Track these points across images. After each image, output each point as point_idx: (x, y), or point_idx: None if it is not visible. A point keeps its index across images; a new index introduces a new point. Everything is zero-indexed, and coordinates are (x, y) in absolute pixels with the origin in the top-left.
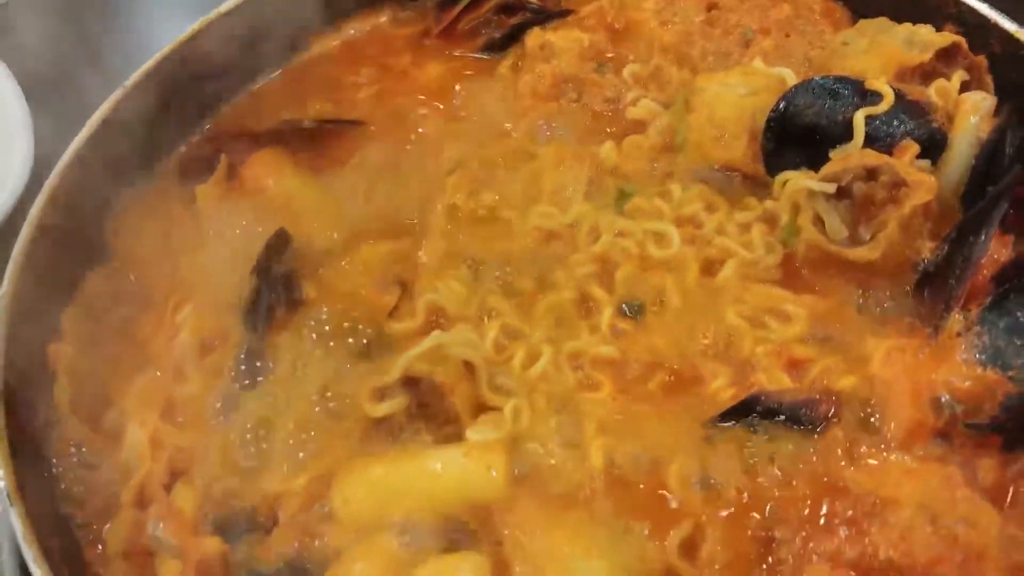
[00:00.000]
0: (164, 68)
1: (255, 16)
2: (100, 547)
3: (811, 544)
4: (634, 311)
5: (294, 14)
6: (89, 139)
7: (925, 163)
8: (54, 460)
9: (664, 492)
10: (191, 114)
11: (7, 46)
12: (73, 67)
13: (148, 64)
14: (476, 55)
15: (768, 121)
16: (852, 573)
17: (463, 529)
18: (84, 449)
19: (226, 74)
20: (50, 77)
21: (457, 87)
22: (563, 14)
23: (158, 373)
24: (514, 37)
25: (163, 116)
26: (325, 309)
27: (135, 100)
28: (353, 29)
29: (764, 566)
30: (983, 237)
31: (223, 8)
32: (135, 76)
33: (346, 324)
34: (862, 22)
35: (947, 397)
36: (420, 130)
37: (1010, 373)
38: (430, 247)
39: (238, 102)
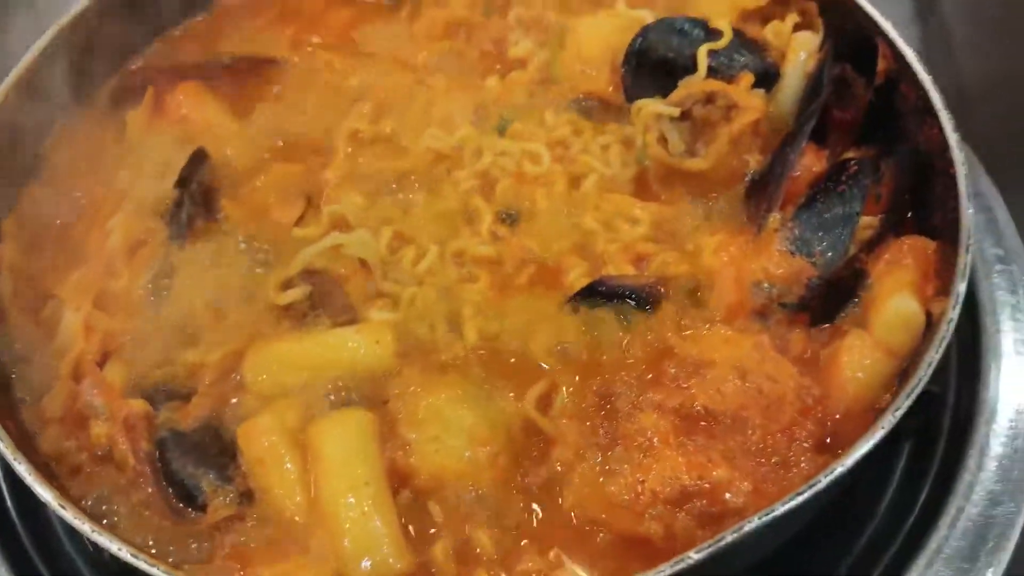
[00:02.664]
0: (97, 8)
1: None
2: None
3: (642, 396)
4: (510, 218)
5: None
6: (27, 69)
7: (760, 92)
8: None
9: (526, 359)
10: (123, 49)
11: None
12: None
13: (80, 4)
14: (380, 1)
15: (626, 56)
16: (675, 418)
17: (355, 393)
18: (23, 336)
19: (155, 14)
20: None
21: (362, 29)
22: None
23: (91, 269)
24: None
25: (97, 51)
26: (240, 219)
27: (69, 36)
28: None
29: (603, 413)
30: (795, 149)
31: None
32: (69, 15)
33: (258, 231)
34: None
35: (765, 282)
36: (329, 67)
37: (813, 259)
38: (334, 166)
39: (166, 39)
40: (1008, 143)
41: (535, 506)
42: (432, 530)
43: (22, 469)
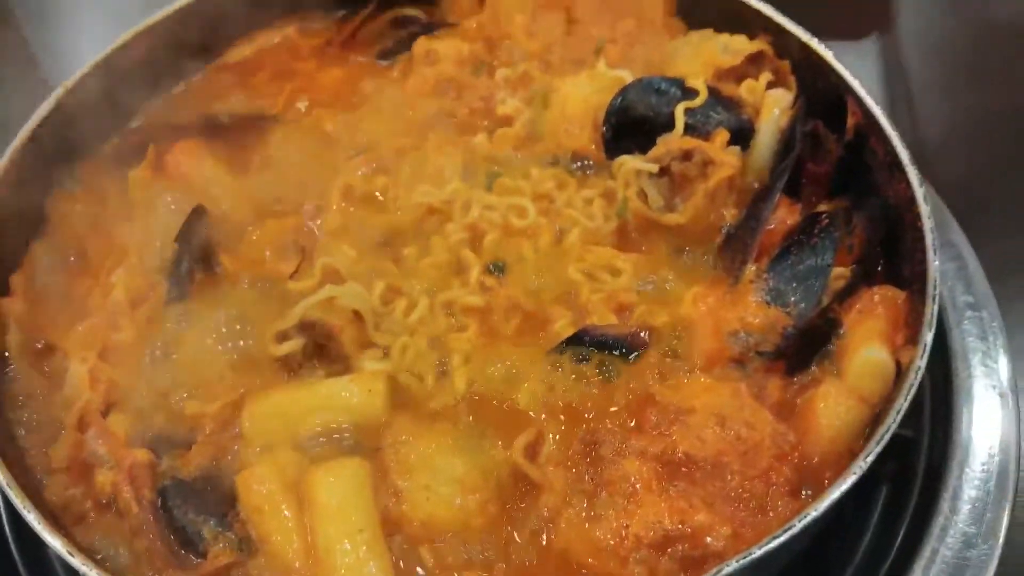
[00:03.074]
0: (99, 71)
1: (179, 27)
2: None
3: (626, 443)
4: (498, 269)
5: (212, 26)
6: (33, 130)
7: (735, 148)
8: (6, 397)
9: (514, 407)
10: (124, 110)
11: None
12: (13, 73)
13: (86, 67)
14: (372, 61)
15: (607, 114)
16: (657, 465)
17: (349, 441)
18: (30, 388)
19: (154, 76)
20: None
21: (355, 88)
22: (447, 26)
23: (95, 322)
24: (405, 45)
25: (99, 111)
26: (238, 272)
27: (73, 98)
28: (265, 39)
29: (588, 460)
30: (768, 204)
31: (150, 21)
32: (74, 78)
33: (255, 284)
34: (691, 32)
35: (742, 332)
36: (322, 124)
37: (788, 309)
38: (328, 220)
39: (165, 100)
40: (975, 191)
41: (524, 551)
42: (423, 575)
43: (31, 518)
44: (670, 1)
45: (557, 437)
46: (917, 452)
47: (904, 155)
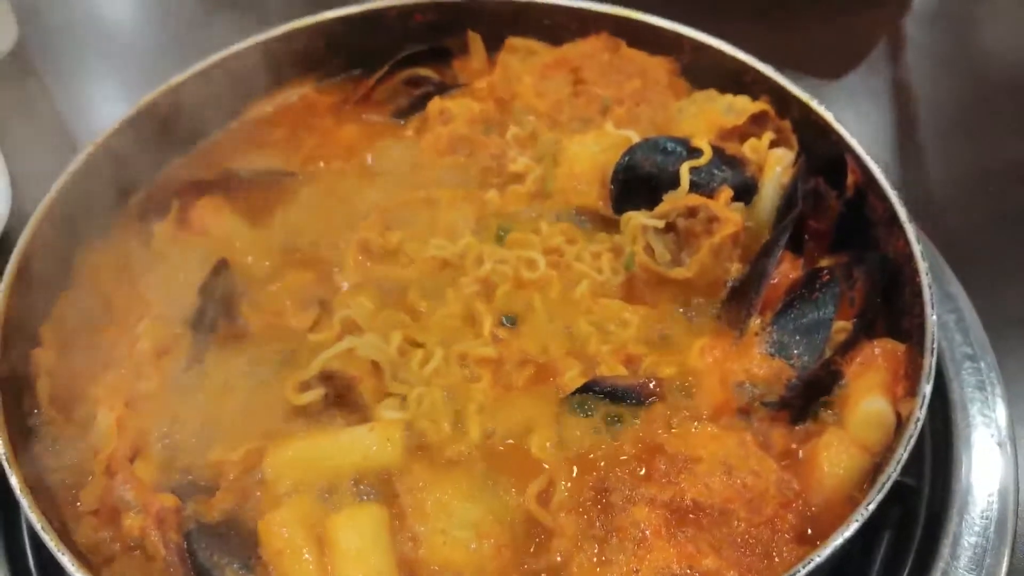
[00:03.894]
0: (125, 130)
1: (201, 87)
2: (75, 506)
3: (635, 491)
4: (510, 321)
5: (232, 86)
6: (62, 188)
7: (739, 205)
8: (37, 443)
9: (526, 455)
10: (148, 166)
11: None
12: (40, 131)
13: (114, 124)
14: (387, 119)
15: (615, 172)
16: (666, 512)
17: (368, 488)
18: (60, 434)
19: (177, 134)
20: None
21: (371, 145)
22: (459, 86)
23: (122, 372)
24: (419, 104)
25: (124, 169)
26: (259, 324)
27: (100, 157)
28: (283, 97)
29: (599, 507)
30: (772, 259)
31: (175, 80)
32: (103, 135)
33: (275, 335)
34: (695, 93)
35: (747, 383)
36: (339, 180)
37: (792, 361)
38: (345, 274)
39: (188, 156)
40: (971, 244)
41: None
42: None
43: (65, 560)
44: (674, 63)
45: (568, 484)
46: (918, 499)
47: (902, 212)
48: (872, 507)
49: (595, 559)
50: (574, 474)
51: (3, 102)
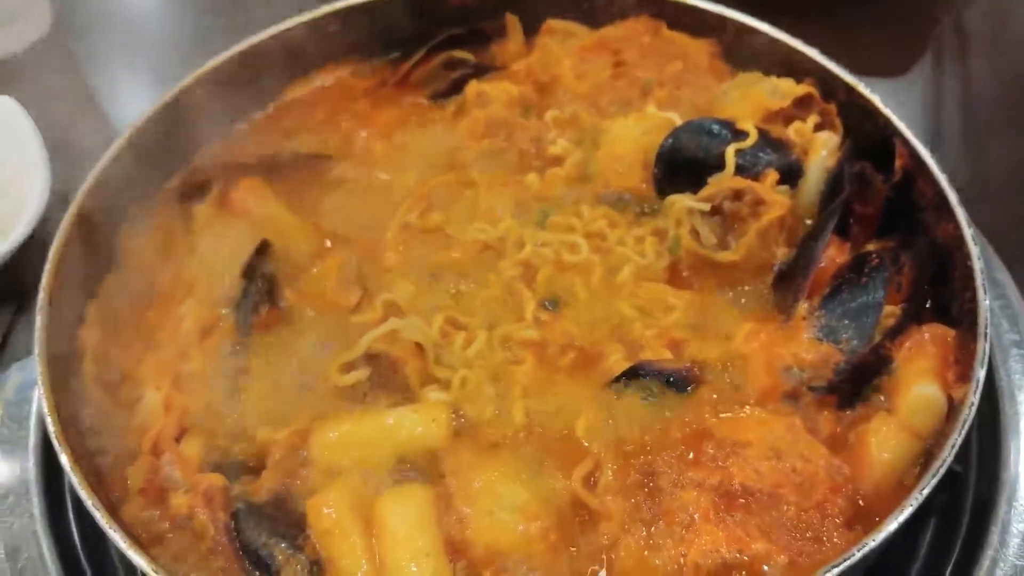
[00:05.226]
0: (163, 114)
1: (240, 69)
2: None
3: (683, 475)
4: (552, 305)
5: (272, 68)
6: (103, 169)
7: (784, 188)
8: (84, 421)
9: (571, 438)
10: (189, 148)
11: (24, 95)
12: (77, 114)
13: (154, 108)
14: (425, 102)
15: (658, 155)
16: (714, 495)
17: (413, 469)
18: (107, 413)
19: (217, 115)
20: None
21: (409, 128)
22: (497, 69)
23: (167, 352)
24: (456, 88)
25: (163, 152)
26: (301, 306)
27: (140, 140)
28: (320, 80)
29: (646, 491)
30: (820, 243)
31: (212, 63)
32: (142, 118)
33: (318, 317)
34: (739, 76)
35: (795, 367)
36: (379, 163)
37: (840, 346)
38: (387, 257)
39: (228, 138)
40: (1017, 232)
41: None
42: None
43: (117, 537)
44: (715, 45)
45: (615, 468)
46: (965, 486)
47: (952, 197)
48: (927, 491)
49: (643, 542)
50: (620, 458)
51: (39, 87)
